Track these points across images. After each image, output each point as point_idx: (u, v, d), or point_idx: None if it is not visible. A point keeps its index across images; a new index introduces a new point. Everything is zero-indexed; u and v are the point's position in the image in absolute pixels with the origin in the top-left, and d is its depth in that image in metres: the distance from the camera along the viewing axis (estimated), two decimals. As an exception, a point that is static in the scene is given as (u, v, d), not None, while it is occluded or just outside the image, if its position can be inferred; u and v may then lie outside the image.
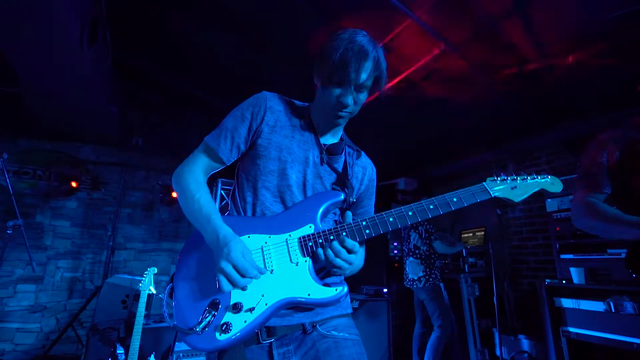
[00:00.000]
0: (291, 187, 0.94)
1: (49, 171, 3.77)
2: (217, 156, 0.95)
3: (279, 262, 0.85)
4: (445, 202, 0.90)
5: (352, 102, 0.91)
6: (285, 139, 0.96)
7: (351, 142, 1.09)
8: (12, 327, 3.37)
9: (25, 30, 2.21)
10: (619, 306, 2.19)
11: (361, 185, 1.06)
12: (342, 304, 0.96)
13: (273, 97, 1.01)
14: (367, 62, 0.89)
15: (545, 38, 2.50)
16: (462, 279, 3.26)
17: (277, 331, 0.85)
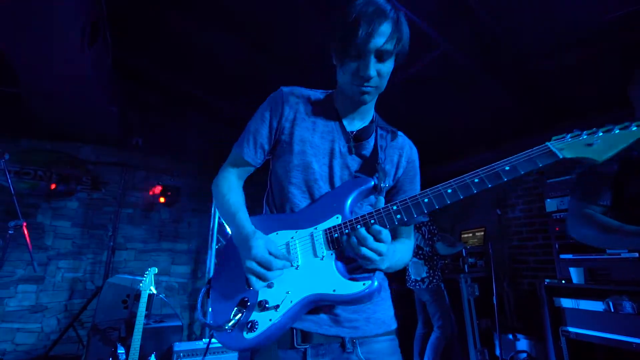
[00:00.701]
0: (317, 181, 0.89)
1: (49, 171, 3.77)
2: (243, 160, 0.96)
3: (304, 257, 0.80)
4: (494, 173, 0.72)
5: (374, 72, 0.81)
6: (307, 132, 0.92)
7: (385, 123, 0.99)
8: (13, 327, 3.38)
9: (26, 31, 2.21)
10: (618, 306, 2.19)
11: (398, 168, 0.95)
12: (385, 319, 0.86)
13: (291, 92, 0.97)
14: (385, 22, 0.79)
15: (545, 38, 2.51)
16: (462, 279, 3.27)
17: (313, 338, 0.80)
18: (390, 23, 0.80)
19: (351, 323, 0.81)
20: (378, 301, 0.87)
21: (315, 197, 0.88)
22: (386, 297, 0.91)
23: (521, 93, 3.08)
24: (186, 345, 2.53)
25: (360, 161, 0.92)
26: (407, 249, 0.92)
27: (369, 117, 0.98)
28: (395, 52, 0.82)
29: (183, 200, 4.48)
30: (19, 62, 2.59)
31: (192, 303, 4.37)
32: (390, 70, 0.85)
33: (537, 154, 0.72)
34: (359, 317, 0.82)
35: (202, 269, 4.51)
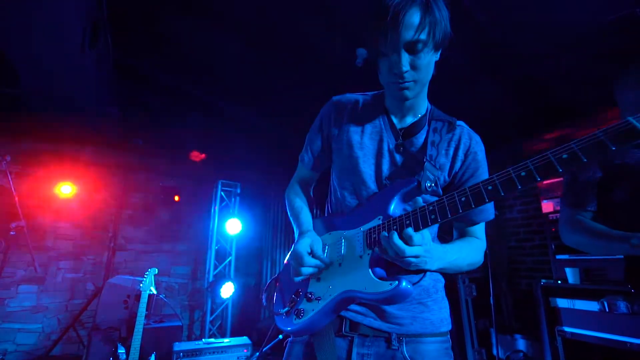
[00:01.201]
0: (366, 182, 0.90)
1: (50, 172, 3.80)
2: (304, 167, 1.08)
3: (348, 255, 0.85)
4: (547, 163, 0.61)
5: (407, 67, 0.77)
6: (355, 135, 0.94)
7: (441, 114, 0.95)
8: (14, 328, 3.41)
9: (28, 33, 2.24)
10: (612, 306, 2.21)
11: (454, 161, 0.89)
12: (429, 317, 0.84)
13: (340, 99, 1.01)
14: (411, 10, 0.74)
15: (543, 39, 2.54)
16: (459, 279, 3.28)
17: (360, 329, 0.83)
18: (419, 10, 0.74)
19: (397, 319, 0.82)
20: (427, 301, 0.86)
21: (363, 198, 0.91)
22: (439, 298, 0.88)
23: (519, 94, 3.11)
24: (186, 345, 2.56)
25: (408, 158, 0.89)
26: (472, 248, 0.89)
27: (421, 110, 0.94)
28: (430, 39, 0.76)
29: (183, 201, 4.51)
30: (21, 64, 2.62)
31: (192, 303, 4.40)
32: (429, 59, 0.80)
33: (619, 129, 0.56)
34: (405, 315, 0.82)
35: (201, 270, 4.54)
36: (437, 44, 0.79)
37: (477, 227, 0.92)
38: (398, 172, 0.89)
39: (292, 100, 3.86)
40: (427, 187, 0.81)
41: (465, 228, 0.92)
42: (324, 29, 2.77)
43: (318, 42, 2.92)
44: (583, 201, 1.22)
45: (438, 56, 0.85)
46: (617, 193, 1.18)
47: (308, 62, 3.19)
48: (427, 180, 0.82)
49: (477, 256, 0.89)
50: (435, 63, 0.85)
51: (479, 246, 0.90)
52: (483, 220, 0.91)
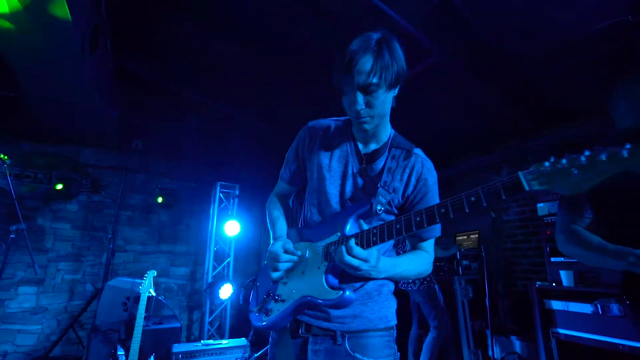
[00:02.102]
0: (330, 202, 1.02)
1: (50, 174, 3.82)
2: (283, 182, 1.22)
3: (310, 265, 0.97)
4: (459, 204, 0.73)
5: (362, 105, 0.89)
6: (325, 158, 1.06)
7: (403, 141, 1.05)
8: (13, 329, 3.42)
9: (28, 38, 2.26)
10: (606, 308, 2.25)
11: (407, 186, 0.99)
12: (369, 315, 0.95)
13: (314, 124, 1.13)
14: (364, 58, 0.86)
15: (536, 45, 2.57)
16: (456, 281, 3.32)
17: (313, 330, 0.97)
18: (371, 57, 0.86)
19: (340, 319, 0.94)
20: (369, 302, 0.97)
21: (326, 216, 1.03)
22: (380, 299, 0.99)
23: (513, 98, 3.14)
24: (185, 346, 2.58)
25: (368, 182, 1.00)
26: (421, 261, 1.01)
27: (383, 138, 1.04)
28: (382, 82, 0.87)
29: (182, 202, 4.53)
30: (21, 68, 2.64)
31: (192, 304, 4.42)
32: (383, 98, 0.91)
33: (503, 186, 0.68)
34: (347, 314, 0.95)
35: (200, 271, 4.56)
36: (390, 84, 0.90)
37: (426, 243, 1.04)
38: (358, 194, 1.00)
39: (290, 102, 3.89)
40: (378, 210, 0.93)
41: (416, 243, 1.05)
42: (322, 34, 2.80)
43: (316, 46, 2.95)
44: (579, 208, 1.23)
45: (396, 91, 0.96)
46: (615, 199, 1.19)
47: (306, 66, 3.22)
48: (378, 204, 0.94)
49: (424, 267, 1.01)
50: (393, 98, 0.98)
51: (426, 259, 1.03)
52: (431, 237, 1.03)
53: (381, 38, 0.90)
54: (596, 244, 1.13)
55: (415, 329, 3.27)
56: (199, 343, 2.69)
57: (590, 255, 1.15)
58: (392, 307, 1.02)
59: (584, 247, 1.16)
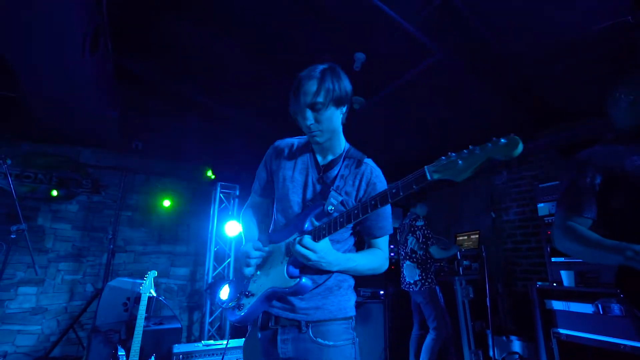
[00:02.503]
0: (292, 207, 1.17)
1: (50, 175, 3.81)
2: (255, 194, 1.37)
3: (275, 262, 1.12)
4: (384, 196, 0.92)
5: (312, 120, 1.07)
6: (288, 171, 1.21)
7: (356, 153, 1.21)
8: (13, 329, 3.42)
9: (29, 38, 2.26)
10: (606, 308, 2.25)
11: (359, 190, 1.14)
12: (329, 307, 1.09)
13: (279, 143, 1.30)
14: (309, 82, 1.06)
15: (536, 45, 2.57)
16: (456, 281, 3.32)
17: (281, 321, 1.09)
18: (315, 82, 1.06)
19: (304, 310, 1.08)
20: (328, 295, 1.11)
21: (289, 219, 1.18)
22: (340, 293, 1.13)
23: (513, 98, 3.14)
24: (185, 347, 2.58)
25: (324, 188, 1.15)
26: (373, 257, 1.15)
27: (338, 150, 1.20)
28: (328, 101, 1.06)
29: (182, 203, 4.53)
30: (22, 68, 2.64)
31: (192, 305, 4.41)
32: (330, 114, 1.09)
33: (414, 178, 0.87)
34: (310, 306, 1.08)
35: (200, 271, 4.56)
36: (335, 102, 1.08)
37: (379, 240, 1.17)
38: (316, 199, 1.15)
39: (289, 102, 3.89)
40: (329, 210, 1.08)
41: (370, 240, 1.19)
42: (322, 35, 2.80)
43: (316, 47, 2.95)
44: (578, 206, 1.22)
45: (343, 110, 1.15)
46: (615, 200, 1.18)
47: (306, 67, 3.22)
48: (329, 205, 1.08)
49: (377, 263, 1.15)
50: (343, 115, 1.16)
51: (380, 255, 1.16)
52: (382, 235, 1.17)
53: (325, 68, 1.10)
54: (593, 239, 1.13)
55: (416, 330, 3.27)
56: (200, 343, 2.68)
57: (587, 250, 1.15)
58: (350, 300, 1.15)
59: (580, 242, 1.16)
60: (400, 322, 3.75)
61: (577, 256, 1.22)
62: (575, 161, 1.29)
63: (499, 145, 0.78)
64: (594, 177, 1.22)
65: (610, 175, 1.20)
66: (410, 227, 3.29)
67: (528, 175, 3.81)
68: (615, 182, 1.19)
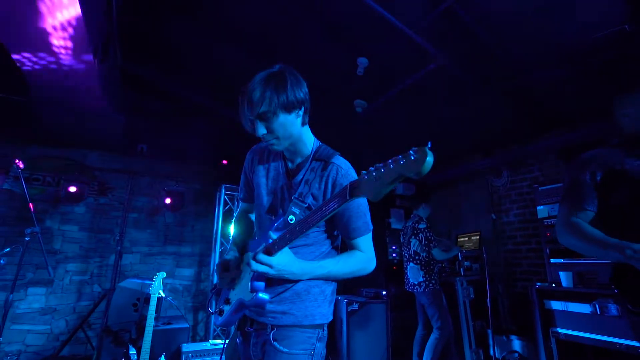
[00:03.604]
0: (264, 216, 1.16)
1: (58, 178, 3.88)
2: (242, 201, 1.37)
3: (245, 274, 1.13)
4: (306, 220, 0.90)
5: (263, 131, 1.03)
6: (262, 178, 1.20)
7: (325, 152, 1.13)
8: (23, 329, 3.49)
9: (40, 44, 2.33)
10: (604, 308, 2.31)
11: (325, 193, 1.07)
12: (295, 312, 1.05)
13: (255, 150, 1.27)
14: (253, 92, 0.99)
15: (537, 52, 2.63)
16: (457, 281, 3.38)
17: (255, 324, 1.10)
18: (259, 90, 0.99)
19: (272, 314, 1.06)
20: (296, 301, 1.06)
21: (262, 230, 1.16)
22: (309, 299, 1.07)
23: (513, 103, 3.20)
24: (194, 346, 2.65)
25: (291, 194, 1.11)
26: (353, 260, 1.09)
27: (306, 152, 1.15)
28: (273, 108, 0.99)
29: (187, 204, 4.59)
30: (31, 73, 2.70)
31: (197, 305, 4.48)
32: (281, 121, 1.02)
33: (337, 195, 0.83)
34: (278, 310, 1.06)
35: (205, 272, 4.62)
36: (285, 108, 1.01)
37: (357, 241, 1.10)
38: (285, 205, 1.12)
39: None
40: (289, 220, 1.02)
41: (349, 242, 1.13)
42: (326, 42, 2.86)
43: (319, 53, 3.02)
44: (580, 200, 1.28)
45: (300, 113, 1.06)
46: (614, 197, 1.24)
47: (309, 73, 3.27)
48: (290, 214, 1.03)
49: (356, 266, 1.09)
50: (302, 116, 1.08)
51: (360, 258, 1.10)
52: (358, 236, 1.09)
53: (270, 73, 1.03)
54: (596, 236, 1.18)
55: (420, 329, 3.34)
56: (207, 343, 2.75)
57: (589, 247, 1.20)
58: (320, 307, 1.08)
59: (583, 238, 1.21)
60: (403, 322, 3.82)
61: (580, 251, 1.27)
62: (578, 160, 1.37)
63: (410, 161, 0.66)
64: (594, 174, 1.29)
65: (611, 172, 1.26)
66: (413, 229, 3.35)
67: (528, 177, 3.87)
68: (615, 179, 1.25)
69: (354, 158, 1.48)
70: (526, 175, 3.89)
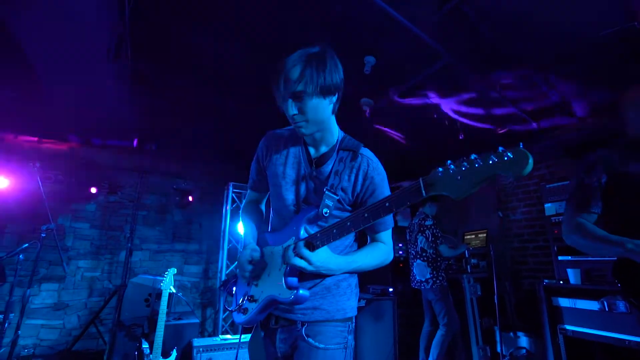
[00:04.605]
0: (287, 207, 1.10)
1: (69, 176, 3.96)
2: (251, 191, 1.30)
3: (273, 268, 1.06)
4: (376, 209, 0.87)
5: (294, 111, 0.97)
6: (280, 166, 1.12)
7: (351, 143, 1.10)
8: (37, 324, 3.57)
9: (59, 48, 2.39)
10: (612, 305, 2.31)
11: (355, 184, 1.05)
12: (327, 307, 1.04)
13: (269, 136, 1.20)
14: (293, 68, 0.94)
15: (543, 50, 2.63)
16: (464, 279, 3.39)
17: (281, 321, 1.07)
18: (299, 68, 0.94)
19: (302, 311, 1.04)
20: (326, 294, 1.06)
21: (286, 221, 1.10)
22: (338, 293, 1.08)
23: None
24: (204, 341, 2.70)
25: (318, 185, 1.07)
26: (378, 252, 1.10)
27: (332, 141, 1.10)
28: (313, 90, 0.94)
29: (195, 202, 4.65)
30: (48, 73, 2.76)
31: (205, 302, 4.54)
32: (315, 104, 0.96)
33: (409, 192, 0.81)
34: (308, 307, 1.04)
35: (213, 269, 4.68)
36: (322, 92, 0.96)
37: (382, 235, 1.11)
38: (311, 196, 1.08)
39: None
40: (324, 213, 1.01)
41: (373, 235, 1.12)
42: (331, 40, 2.88)
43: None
44: (586, 203, 1.32)
45: (333, 99, 1.02)
46: (619, 199, 1.28)
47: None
48: (324, 207, 1.01)
49: (382, 257, 1.10)
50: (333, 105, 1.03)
51: (384, 249, 1.11)
52: (383, 230, 1.10)
53: (312, 52, 0.98)
54: (599, 234, 1.24)
55: (427, 325, 3.36)
56: (217, 338, 2.80)
57: (593, 244, 1.26)
58: (349, 300, 1.09)
59: (587, 237, 1.27)
60: (409, 319, 3.84)
61: (584, 249, 1.32)
62: (584, 162, 1.40)
63: (505, 162, 0.65)
64: (600, 176, 1.32)
65: (615, 175, 1.30)
66: (419, 226, 3.37)
67: (535, 175, 3.86)
68: (620, 182, 1.29)
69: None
70: (533, 172, 3.88)
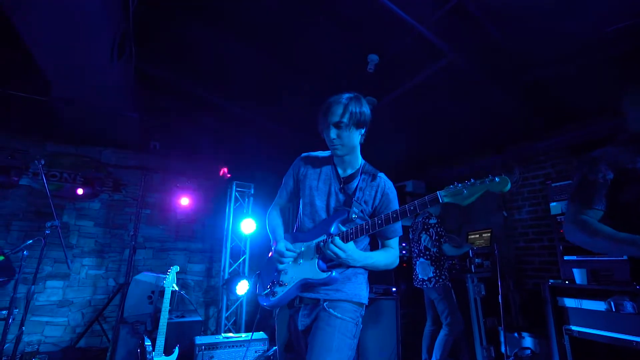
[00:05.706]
0: (318, 212, 1.40)
1: (74, 174, 3.98)
2: (281, 199, 1.62)
3: (305, 259, 1.35)
4: (401, 212, 1.21)
5: (334, 135, 1.32)
6: (314, 181, 1.46)
7: (370, 168, 1.44)
8: (42, 321, 3.60)
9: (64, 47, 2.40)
10: (619, 306, 2.28)
11: (374, 200, 1.38)
12: (346, 291, 1.32)
13: (305, 157, 1.55)
14: (336, 107, 1.31)
15: (547, 47, 2.60)
16: (468, 278, 3.37)
17: (305, 300, 1.33)
18: (341, 106, 1.32)
19: (325, 291, 1.31)
20: (346, 282, 1.34)
21: (316, 222, 1.40)
22: (357, 281, 1.37)
23: (524, 99, 3.17)
24: (207, 339, 2.70)
25: (346, 198, 1.39)
26: (387, 255, 1.39)
27: (356, 165, 1.45)
28: (350, 122, 1.31)
29: (198, 201, 4.66)
30: (53, 74, 2.78)
31: (208, 300, 4.55)
32: (349, 133, 1.33)
33: (429, 200, 1.18)
34: (330, 289, 1.31)
35: (216, 268, 4.69)
36: (356, 124, 1.33)
37: (391, 241, 1.42)
38: (340, 206, 1.38)
39: (303, 104, 3.98)
40: (353, 217, 1.33)
41: (384, 241, 1.43)
42: (336, 38, 2.88)
43: (330, 49, 3.03)
44: (590, 199, 1.27)
45: (362, 132, 1.39)
46: (624, 195, 1.23)
47: (320, 70, 3.30)
48: (353, 213, 1.33)
49: (391, 260, 1.39)
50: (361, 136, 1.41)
51: (392, 254, 1.40)
52: (394, 236, 1.40)
53: (351, 96, 1.35)
54: (606, 232, 1.18)
55: (429, 325, 3.34)
56: (220, 336, 2.80)
57: (599, 242, 1.19)
58: (362, 289, 1.37)
59: (593, 234, 1.21)
60: (412, 318, 3.82)
61: (588, 248, 1.27)
62: (587, 158, 1.36)
63: (494, 183, 1.13)
64: (606, 173, 1.28)
65: (621, 172, 1.26)
66: (423, 225, 3.34)
67: (540, 174, 3.82)
68: (624, 178, 1.25)
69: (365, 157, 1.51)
70: (538, 171, 3.84)
